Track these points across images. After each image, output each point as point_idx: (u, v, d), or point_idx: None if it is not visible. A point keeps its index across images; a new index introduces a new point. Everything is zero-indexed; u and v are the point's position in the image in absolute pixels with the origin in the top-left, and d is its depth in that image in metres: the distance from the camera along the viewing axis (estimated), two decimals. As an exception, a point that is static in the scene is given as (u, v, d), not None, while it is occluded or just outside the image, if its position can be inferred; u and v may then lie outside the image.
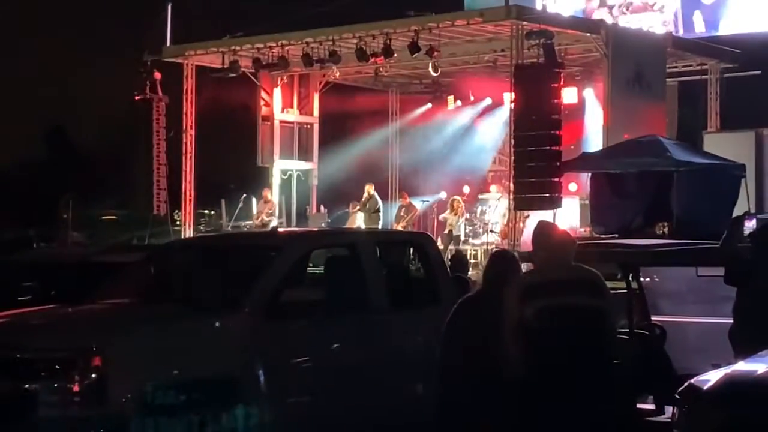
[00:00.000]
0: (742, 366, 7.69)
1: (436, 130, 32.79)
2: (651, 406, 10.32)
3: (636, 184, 21.29)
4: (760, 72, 28.68)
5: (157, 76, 30.19)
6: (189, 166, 29.01)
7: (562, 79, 23.37)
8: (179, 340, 9.04)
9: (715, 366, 8.02)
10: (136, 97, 31.37)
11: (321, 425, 9.61)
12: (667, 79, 26.92)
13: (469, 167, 32.39)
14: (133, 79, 30.82)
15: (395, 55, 25.64)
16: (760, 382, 7.23)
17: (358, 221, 27.41)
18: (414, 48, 24.98)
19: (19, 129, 42.96)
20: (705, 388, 7.30)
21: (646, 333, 10.53)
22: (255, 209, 28.50)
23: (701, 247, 11.00)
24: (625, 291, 10.66)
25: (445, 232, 27.21)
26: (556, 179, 22.82)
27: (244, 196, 28.66)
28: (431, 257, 11.40)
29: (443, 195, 29.53)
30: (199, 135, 29.22)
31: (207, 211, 31.54)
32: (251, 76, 29.36)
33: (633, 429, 9.38)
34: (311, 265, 11.77)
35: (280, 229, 19.68)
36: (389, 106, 33.00)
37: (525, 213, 24.80)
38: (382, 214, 28.36)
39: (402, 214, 28.72)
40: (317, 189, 31.48)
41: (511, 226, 24.73)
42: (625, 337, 10.07)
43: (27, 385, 8.62)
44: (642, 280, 11.16)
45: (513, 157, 23.49)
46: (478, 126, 32.49)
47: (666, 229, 20.28)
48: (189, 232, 28.47)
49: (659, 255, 10.86)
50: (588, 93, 29.20)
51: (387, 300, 10.46)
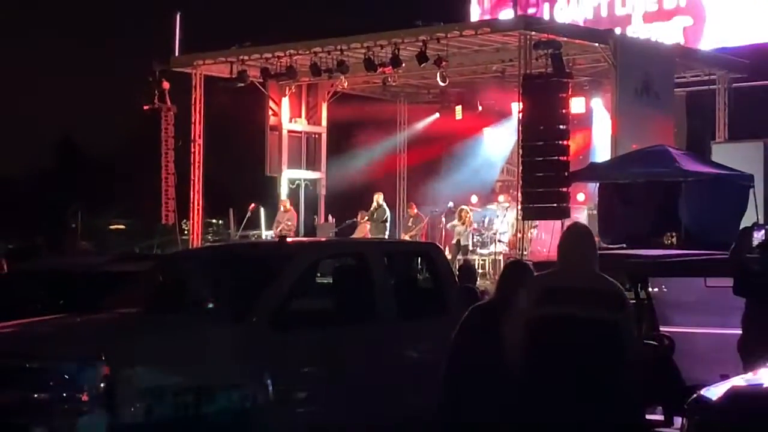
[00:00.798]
0: (751, 377, 7.67)
1: (444, 139, 32.79)
2: (660, 417, 10.29)
3: (644, 194, 21.27)
4: (768, 82, 28.67)
5: (166, 85, 30.20)
6: (197, 175, 29.04)
7: (570, 89, 23.39)
8: (187, 349, 9.04)
9: (724, 377, 7.98)
10: (145, 107, 31.38)
11: (329, 435, 9.61)
12: (676, 89, 26.92)
13: (477, 177, 32.41)
14: (141, 88, 30.84)
15: (403, 64, 25.67)
16: (767, 395, 7.21)
17: (366, 231, 27.39)
18: (422, 58, 25.00)
19: (28, 138, 43.10)
20: (713, 399, 7.27)
21: (655, 343, 10.51)
22: (263, 219, 28.50)
23: (710, 258, 10.98)
24: (634, 301, 10.64)
25: (453, 241, 27.21)
26: (564, 189, 22.83)
27: (253, 205, 28.66)
28: (439, 267, 11.39)
29: (451, 204, 29.51)
30: (208, 144, 29.26)
31: (215, 221, 31.54)
32: (259, 86, 29.39)
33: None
34: (319, 274, 11.77)
35: (288, 239, 19.65)
36: (397, 115, 33.01)
37: (533, 223, 24.82)
38: (389, 224, 28.34)
39: (410, 224, 28.72)
40: (325, 198, 31.48)
41: (519, 236, 24.71)
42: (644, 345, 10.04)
43: (36, 395, 8.62)
44: (651, 290, 11.14)
45: (521, 167, 23.49)
46: (486, 136, 32.51)
47: (674, 239, 20.27)
48: (197, 242, 28.48)
49: (668, 265, 10.84)
50: (596, 103, 29.18)
51: (395, 310, 10.45)
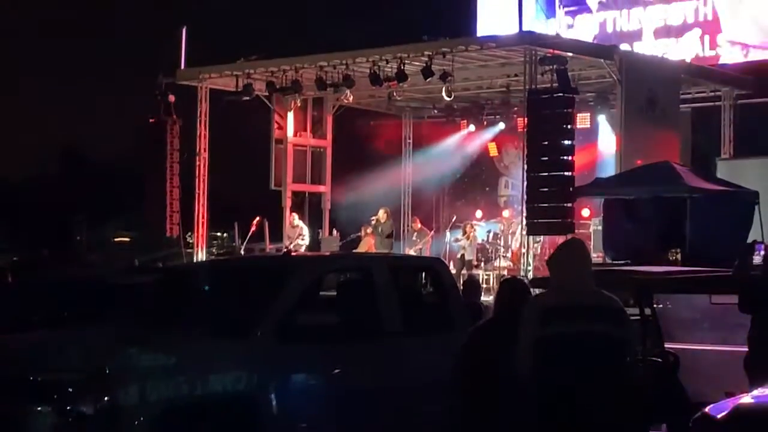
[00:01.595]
0: (756, 395, 7.65)
1: (449, 154, 32.80)
2: (665, 435, 10.28)
3: (649, 210, 21.23)
4: (774, 98, 28.64)
5: (172, 98, 30.22)
6: (202, 188, 29.04)
7: (575, 105, 23.39)
8: (192, 363, 9.04)
9: (729, 394, 7.98)
10: (150, 120, 31.41)
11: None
12: (681, 106, 26.90)
13: (481, 192, 32.42)
14: (147, 101, 30.89)
15: (409, 79, 25.67)
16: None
17: (371, 245, 27.38)
18: (427, 72, 25.00)
19: (34, 150, 43.17)
20: (718, 417, 7.26)
21: (660, 360, 10.49)
22: (267, 233, 28.49)
23: (715, 275, 10.97)
24: (638, 317, 10.62)
25: (458, 256, 27.20)
26: (569, 204, 22.82)
27: (258, 219, 28.66)
28: (444, 282, 11.40)
29: (455, 219, 29.53)
30: (213, 157, 29.27)
31: (220, 234, 31.56)
32: (265, 100, 29.41)
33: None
34: (324, 288, 11.76)
35: (293, 253, 19.67)
36: (402, 130, 33.01)
37: (537, 238, 24.80)
38: (393, 239, 28.33)
39: (414, 238, 28.72)
40: (330, 212, 31.48)
41: (523, 251, 24.70)
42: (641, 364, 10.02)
43: (39, 408, 8.61)
44: (656, 306, 11.12)
45: (526, 182, 23.49)
46: (491, 151, 32.51)
47: (679, 256, 20.22)
48: (201, 255, 28.48)
49: (673, 282, 10.83)
50: (601, 118, 29.18)
51: (400, 325, 10.45)
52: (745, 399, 7.52)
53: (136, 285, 11.93)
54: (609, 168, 25.97)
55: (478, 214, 30.57)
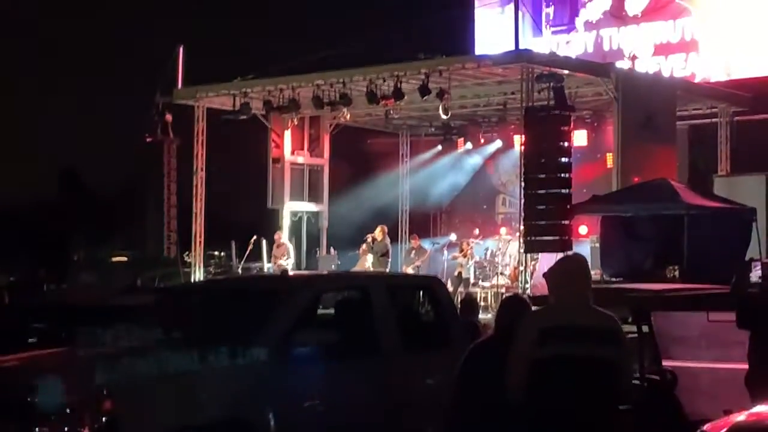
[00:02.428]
0: (753, 413, 7.64)
1: (446, 172, 32.83)
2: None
3: (646, 227, 21.25)
4: (770, 115, 28.69)
5: (169, 118, 30.25)
6: (199, 207, 29.03)
7: (572, 122, 23.43)
8: (190, 382, 9.03)
9: (727, 412, 7.96)
10: (148, 139, 31.47)
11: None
12: (678, 123, 26.94)
13: (479, 209, 32.43)
14: (144, 120, 30.92)
15: (406, 97, 25.69)
16: (768, 431, 7.18)
17: (368, 264, 27.38)
18: (424, 90, 25.02)
19: (30, 170, 43.13)
20: (716, 435, 7.25)
21: (657, 378, 10.48)
22: (264, 251, 28.48)
23: (713, 292, 10.96)
24: (636, 335, 10.61)
25: (455, 274, 27.19)
26: (567, 222, 22.83)
27: (255, 237, 28.66)
28: (441, 300, 11.41)
29: (453, 237, 29.53)
30: (210, 177, 29.28)
31: (217, 253, 31.54)
32: (262, 118, 29.43)
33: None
34: (322, 307, 11.76)
35: (291, 272, 19.66)
36: (399, 148, 33.05)
37: (535, 255, 24.79)
38: (390, 257, 28.32)
39: (412, 256, 28.72)
40: (327, 231, 31.47)
41: (521, 268, 24.70)
42: (637, 383, 10.01)
43: (37, 428, 8.60)
44: (653, 324, 11.12)
45: (523, 200, 23.50)
46: (488, 168, 32.55)
47: (676, 273, 20.22)
48: (199, 274, 28.46)
49: (671, 299, 10.82)
50: (598, 136, 29.22)
51: (397, 343, 10.45)
52: (743, 417, 7.51)
53: (134, 305, 11.91)
54: (606, 185, 25.99)
55: (476, 231, 30.57)
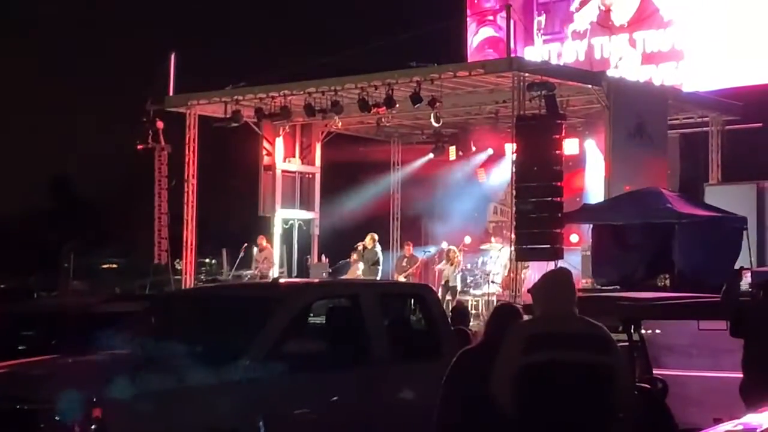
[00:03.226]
0: (744, 421, 7.62)
1: (437, 180, 32.84)
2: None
3: (637, 235, 21.28)
4: (761, 125, 28.74)
5: (160, 125, 30.26)
6: (190, 215, 28.99)
7: (563, 131, 23.43)
8: (180, 391, 9.00)
9: (717, 420, 7.95)
10: (139, 147, 31.45)
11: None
12: (669, 131, 26.97)
13: (470, 218, 32.42)
14: (135, 128, 30.90)
15: (397, 105, 25.69)
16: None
17: (359, 271, 27.37)
18: (416, 99, 25.04)
19: (21, 177, 43.03)
20: (707, 443, 7.24)
21: (648, 387, 10.48)
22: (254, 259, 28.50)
23: (703, 301, 10.97)
24: (626, 344, 10.61)
25: (442, 282, 27.13)
26: (558, 230, 22.82)
27: (246, 245, 28.64)
28: (432, 309, 11.39)
29: (445, 245, 29.54)
30: (201, 184, 29.24)
31: (208, 260, 31.51)
32: (253, 126, 29.42)
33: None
34: (312, 315, 11.75)
35: (282, 280, 19.62)
36: (391, 156, 33.04)
37: (525, 264, 24.80)
38: (381, 265, 28.31)
39: (404, 264, 28.70)
40: (319, 238, 31.46)
41: (512, 276, 24.69)
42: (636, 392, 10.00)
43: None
44: (644, 332, 11.12)
45: (514, 208, 23.50)
46: (479, 177, 32.55)
47: (667, 281, 20.25)
48: (190, 281, 28.42)
49: (661, 308, 10.82)
50: (589, 144, 29.25)
51: (388, 352, 10.44)
52: (734, 425, 7.50)
53: (124, 313, 11.87)
54: (597, 194, 26.02)
55: (467, 239, 30.56)
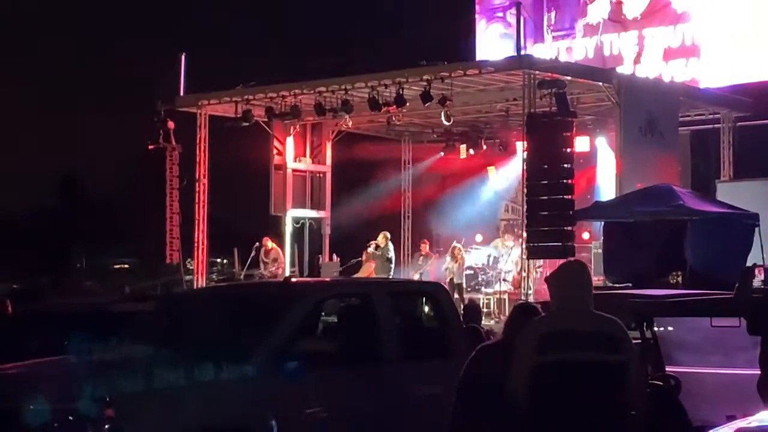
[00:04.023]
0: (757, 418, 7.60)
1: (448, 178, 32.83)
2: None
3: (649, 233, 21.23)
4: (772, 120, 28.69)
5: (171, 125, 30.24)
6: (202, 214, 29.05)
7: (574, 128, 23.40)
8: (192, 390, 9.01)
9: (730, 418, 7.92)
10: (150, 146, 31.44)
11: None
12: (680, 128, 26.93)
13: (481, 216, 32.40)
14: (146, 128, 30.91)
15: (408, 104, 25.70)
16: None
17: (371, 270, 27.37)
18: (426, 97, 25.03)
19: (32, 178, 43.13)
20: (720, 440, 7.22)
21: (661, 384, 10.45)
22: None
23: (716, 297, 10.94)
24: (639, 341, 10.59)
25: (447, 280, 27.03)
26: (569, 228, 22.79)
27: (257, 245, 28.65)
28: (444, 307, 11.37)
29: (456, 243, 29.51)
30: (212, 184, 29.28)
31: (219, 260, 31.53)
32: (264, 125, 29.44)
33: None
34: (324, 314, 11.74)
35: (293, 279, 19.64)
36: (402, 154, 33.06)
37: (538, 262, 24.77)
38: (393, 264, 28.30)
39: (420, 262, 28.71)
40: (330, 237, 31.47)
41: (524, 274, 24.68)
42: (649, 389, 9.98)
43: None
44: (656, 330, 11.09)
45: (526, 206, 23.48)
46: (490, 175, 32.54)
47: (680, 278, 20.21)
48: (201, 281, 28.46)
49: (674, 305, 10.79)
50: (600, 141, 29.23)
51: (400, 350, 10.42)
52: (747, 422, 7.48)
53: (136, 313, 11.89)
54: (609, 191, 25.99)
55: (478, 237, 30.55)
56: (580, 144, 27.08)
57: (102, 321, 12.05)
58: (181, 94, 29.32)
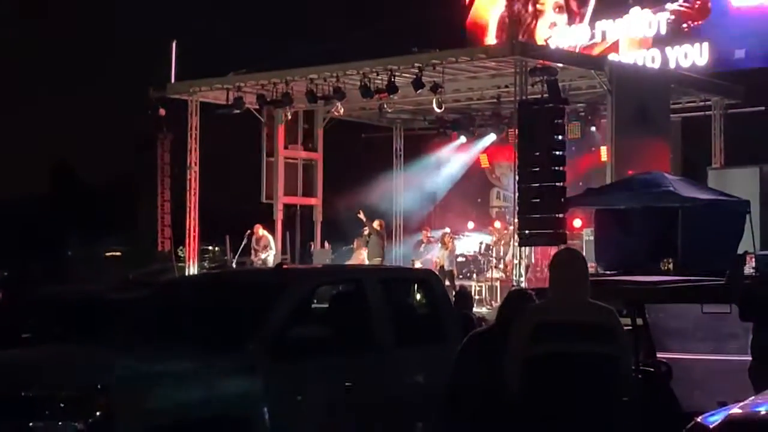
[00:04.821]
0: (749, 404, 7.63)
1: (440, 165, 32.83)
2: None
3: (640, 220, 21.23)
4: (764, 108, 28.71)
5: (162, 112, 30.22)
6: (193, 202, 29.02)
7: (566, 115, 23.42)
8: (185, 378, 9.01)
9: (721, 404, 7.96)
10: (141, 134, 31.44)
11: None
12: (671, 115, 26.97)
13: (473, 203, 32.43)
14: (138, 115, 30.91)
15: (399, 91, 25.70)
16: (764, 422, 7.17)
17: (363, 257, 27.39)
18: (418, 84, 25.03)
19: (24, 166, 43.11)
20: (711, 426, 7.24)
21: (652, 370, 10.48)
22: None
23: (708, 284, 10.97)
24: (630, 328, 10.62)
25: (437, 268, 27.05)
26: (561, 215, 22.81)
27: (249, 232, 28.64)
28: (436, 294, 11.39)
29: (447, 230, 29.56)
30: (204, 171, 29.25)
31: (211, 247, 31.52)
32: (255, 113, 29.43)
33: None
34: (316, 301, 11.74)
35: (285, 266, 19.64)
36: (393, 142, 33.06)
37: (530, 249, 24.79)
38: (384, 251, 28.31)
39: (421, 250, 28.76)
40: (321, 225, 31.47)
41: (515, 261, 24.70)
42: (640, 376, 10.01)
43: (32, 424, 8.58)
44: (647, 316, 11.12)
45: (517, 193, 23.50)
46: (481, 162, 32.55)
47: (671, 266, 20.21)
48: (193, 269, 28.45)
49: (665, 291, 10.82)
50: (592, 129, 29.23)
51: (392, 337, 10.44)
52: (738, 408, 7.51)
53: (129, 300, 11.88)
54: (600, 178, 26.01)
55: (470, 225, 30.58)
56: (572, 131, 27.07)
57: (93, 308, 12.06)
58: (173, 81, 29.27)
